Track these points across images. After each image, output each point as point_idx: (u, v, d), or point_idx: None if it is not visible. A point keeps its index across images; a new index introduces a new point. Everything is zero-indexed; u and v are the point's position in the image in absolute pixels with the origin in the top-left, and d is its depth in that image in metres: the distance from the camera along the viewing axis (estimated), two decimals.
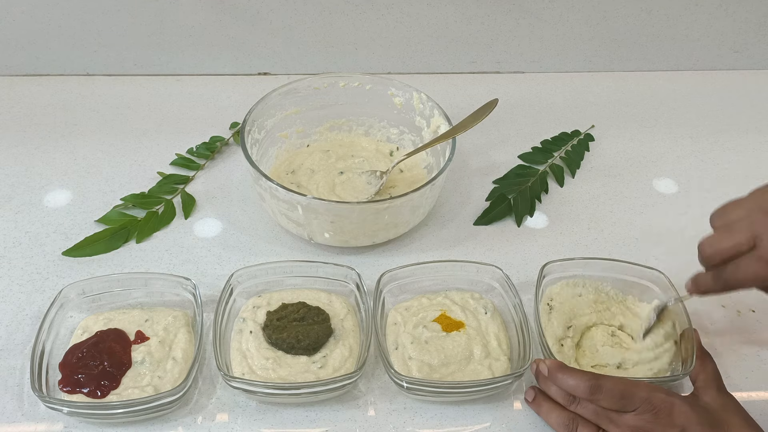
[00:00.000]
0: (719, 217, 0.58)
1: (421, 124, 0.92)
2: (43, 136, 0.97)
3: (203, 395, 0.67)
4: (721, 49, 1.16)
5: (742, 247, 0.54)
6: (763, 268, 0.53)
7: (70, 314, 0.71)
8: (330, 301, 0.73)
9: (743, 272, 0.55)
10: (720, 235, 0.57)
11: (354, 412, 0.67)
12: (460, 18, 1.08)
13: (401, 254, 0.83)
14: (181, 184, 0.91)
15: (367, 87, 0.93)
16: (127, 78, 1.10)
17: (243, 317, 0.71)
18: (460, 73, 1.16)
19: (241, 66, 1.11)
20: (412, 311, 0.73)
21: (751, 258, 0.54)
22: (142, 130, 1.00)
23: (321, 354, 0.69)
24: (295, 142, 0.94)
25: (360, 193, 0.87)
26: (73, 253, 0.80)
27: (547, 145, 1.01)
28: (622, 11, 1.10)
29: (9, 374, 0.68)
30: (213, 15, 1.04)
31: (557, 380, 0.62)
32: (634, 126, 1.07)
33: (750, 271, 0.54)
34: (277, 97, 0.89)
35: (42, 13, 1.02)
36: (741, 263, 0.55)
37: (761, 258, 0.53)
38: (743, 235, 0.54)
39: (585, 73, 1.17)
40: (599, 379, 0.61)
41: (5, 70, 1.08)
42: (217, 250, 0.82)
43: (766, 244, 0.53)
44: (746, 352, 0.74)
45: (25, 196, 0.88)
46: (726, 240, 0.55)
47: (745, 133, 1.06)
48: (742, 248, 0.54)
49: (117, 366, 0.66)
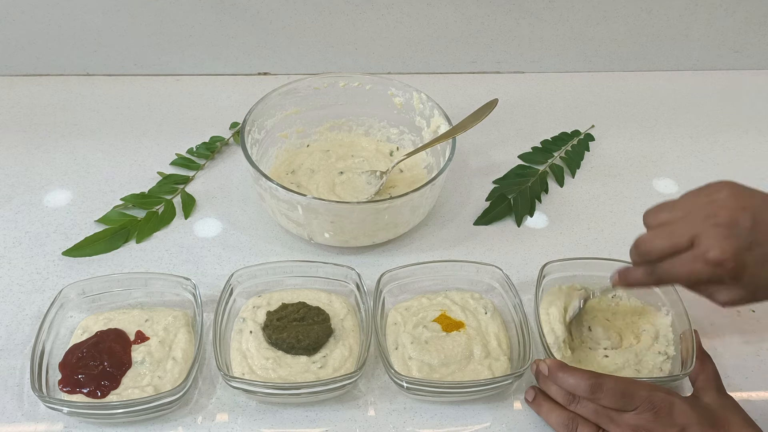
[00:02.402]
0: (654, 217, 0.61)
1: (421, 124, 0.92)
2: (43, 136, 0.97)
3: (203, 395, 0.67)
4: (721, 49, 1.16)
5: (681, 246, 0.57)
6: (698, 266, 0.56)
7: (70, 314, 0.71)
8: (330, 301, 0.73)
9: (679, 269, 0.58)
10: (659, 233, 0.59)
11: (354, 412, 0.67)
12: (460, 18, 1.08)
13: (401, 254, 0.83)
14: (181, 184, 0.91)
15: (367, 87, 0.93)
16: (127, 78, 1.10)
17: (243, 317, 0.71)
18: (460, 73, 1.16)
19: (241, 66, 1.11)
20: (412, 311, 0.73)
21: (689, 256, 0.57)
22: (142, 130, 1.00)
23: (321, 354, 0.69)
24: (295, 142, 0.94)
25: (360, 193, 0.87)
26: (73, 253, 0.80)
27: (547, 145, 1.01)
28: (622, 11, 1.10)
29: (9, 374, 0.68)
30: (213, 15, 1.04)
31: (558, 379, 0.63)
32: (634, 126, 1.07)
33: (686, 269, 0.57)
34: (277, 97, 0.89)
35: (42, 13, 1.02)
36: (678, 261, 0.58)
37: (697, 257, 0.56)
38: (683, 235, 0.57)
39: (585, 73, 1.17)
40: (600, 378, 0.61)
41: (5, 70, 1.08)
42: (217, 250, 0.82)
43: (706, 245, 0.55)
44: (746, 352, 0.74)
45: (25, 196, 0.88)
46: (666, 239, 0.58)
47: (745, 133, 1.06)
48: (681, 247, 0.57)
49: (117, 366, 0.66)
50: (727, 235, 0.55)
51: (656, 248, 0.59)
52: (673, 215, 0.59)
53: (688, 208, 0.58)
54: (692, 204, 0.58)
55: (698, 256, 0.56)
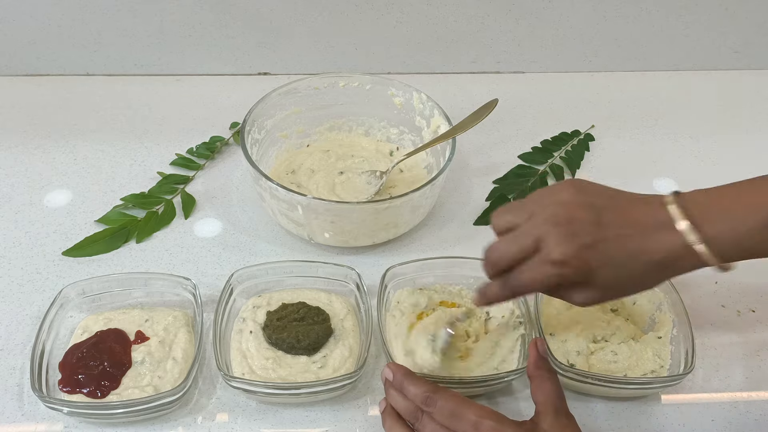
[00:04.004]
0: (499, 219, 0.58)
1: (421, 124, 0.92)
2: (43, 136, 0.97)
3: (203, 395, 0.67)
4: (721, 49, 1.16)
5: (527, 252, 0.55)
6: (546, 270, 0.54)
7: (70, 314, 0.71)
8: (330, 301, 0.73)
9: (528, 275, 0.55)
10: (504, 239, 0.57)
11: (354, 412, 0.67)
12: (460, 18, 1.08)
13: (401, 254, 0.83)
14: (181, 184, 0.91)
15: (367, 87, 0.93)
16: (127, 78, 1.10)
17: (243, 317, 0.71)
18: (460, 73, 1.16)
19: (241, 66, 1.11)
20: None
21: (535, 261, 0.55)
22: (142, 130, 1.00)
23: (321, 354, 0.69)
24: (295, 142, 0.94)
25: (360, 193, 0.87)
26: (73, 253, 0.80)
27: (547, 145, 1.01)
28: (622, 11, 1.09)
29: (9, 374, 0.68)
30: (213, 15, 1.04)
31: (401, 386, 0.60)
32: (634, 126, 1.07)
33: (534, 274, 0.55)
34: (277, 97, 0.89)
35: (42, 13, 1.02)
36: (525, 267, 0.55)
37: (543, 260, 0.54)
38: (528, 239, 0.55)
39: (585, 73, 1.17)
40: (436, 392, 0.58)
41: (5, 70, 1.08)
42: (217, 250, 0.82)
43: (548, 246, 0.53)
44: (746, 352, 0.74)
45: (25, 196, 0.88)
46: (512, 245, 0.56)
47: (745, 133, 1.06)
48: (527, 252, 0.55)
49: (117, 366, 0.66)
50: (567, 234, 0.53)
51: (505, 256, 0.56)
52: (518, 218, 0.56)
53: (532, 209, 0.56)
54: (536, 205, 0.56)
55: (544, 258, 0.54)
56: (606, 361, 0.69)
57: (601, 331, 0.72)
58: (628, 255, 0.53)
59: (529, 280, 0.55)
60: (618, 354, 0.70)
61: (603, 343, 0.71)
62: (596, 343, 0.71)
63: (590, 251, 0.53)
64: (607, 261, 0.54)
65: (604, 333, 0.72)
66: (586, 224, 0.54)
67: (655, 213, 0.54)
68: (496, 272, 0.58)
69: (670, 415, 0.68)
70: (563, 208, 0.54)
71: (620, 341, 0.71)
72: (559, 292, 0.57)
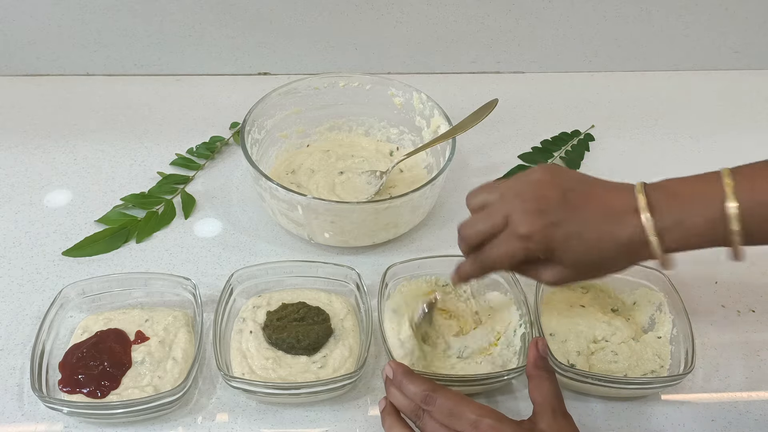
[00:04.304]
0: (473, 198, 0.61)
1: (421, 124, 0.92)
2: (43, 136, 0.97)
3: (203, 395, 0.67)
4: (721, 49, 1.16)
5: (497, 227, 0.57)
6: (513, 244, 0.57)
7: (70, 314, 0.71)
8: (330, 301, 0.73)
9: (497, 250, 0.58)
10: (476, 216, 0.60)
11: (354, 412, 0.67)
12: (460, 18, 1.08)
13: (401, 254, 0.83)
14: (181, 184, 0.91)
15: (367, 87, 0.93)
16: (127, 78, 1.10)
17: (243, 317, 0.71)
18: (460, 73, 1.16)
19: (241, 66, 1.11)
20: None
21: (504, 236, 0.57)
22: (142, 130, 1.00)
23: (321, 354, 0.69)
24: (295, 142, 0.94)
25: (360, 193, 0.87)
26: (73, 253, 0.80)
27: (547, 145, 1.01)
28: (622, 11, 1.09)
29: (9, 374, 0.68)
30: (213, 15, 1.04)
31: (401, 384, 0.60)
32: (634, 126, 1.07)
33: (503, 249, 0.57)
34: (277, 97, 0.89)
35: (42, 13, 1.02)
36: (495, 242, 0.58)
37: (511, 234, 0.56)
38: (498, 215, 0.57)
39: (585, 73, 1.17)
40: (436, 390, 0.58)
41: (5, 70, 1.08)
42: (217, 250, 0.82)
43: (515, 221, 0.56)
44: (746, 352, 0.74)
45: (25, 196, 0.88)
46: (482, 221, 0.59)
47: (745, 133, 1.06)
48: (497, 228, 0.57)
49: (117, 366, 0.66)
50: (534, 211, 0.56)
51: (476, 231, 0.59)
52: (490, 197, 0.59)
53: (503, 190, 0.59)
54: (507, 186, 0.59)
55: (510, 233, 0.56)
56: (606, 361, 0.69)
57: (602, 331, 0.72)
58: (593, 235, 0.56)
59: (497, 255, 0.58)
60: (618, 354, 0.70)
61: (603, 343, 0.71)
62: (596, 343, 0.71)
63: (555, 228, 0.55)
64: (571, 239, 0.56)
65: (604, 333, 0.72)
66: (553, 202, 0.56)
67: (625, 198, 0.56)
68: (469, 248, 0.61)
69: (670, 415, 0.68)
70: (533, 187, 0.57)
71: (620, 341, 0.71)
72: (528, 269, 0.60)
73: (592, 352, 0.71)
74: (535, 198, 0.56)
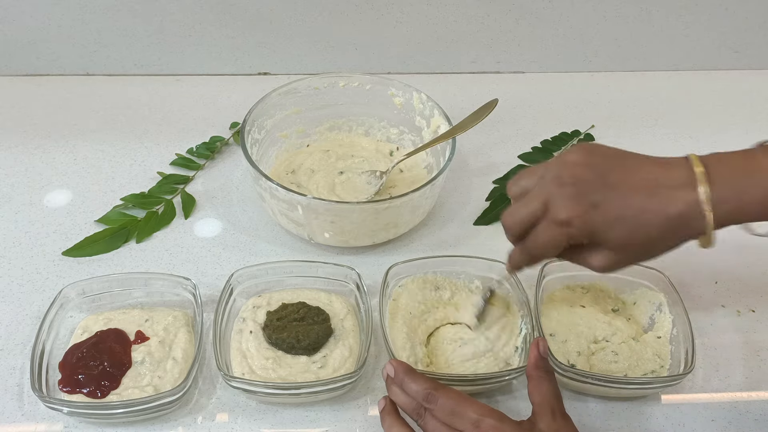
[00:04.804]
0: (514, 186, 0.59)
1: (421, 124, 0.92)
2: (43, 136, 0.97)
3: (203, 395, 0.67)
4: (721, 49, 1.16)
5: (537, 214, 0.56)
6: (554, 231, 0.55)
7: (70, 314, 0.71)
8: (330, 301, 0.73)
9: (540, 239, 0.56)
10: (517, 204, 0.58)
11: (354, 412, 0.67)
12: (460, 18, 1.08)
13: (401, 254, 0.83)
14: (181, 184, 0.91)
15: (367, 87, 0.93)
16: (127, 78, 1.10)
17: (243, 317, 0.71)
18: (460, 73, 1.16)
19: (241, 66, 1.11)
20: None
21: (544, 224, 0.55)
22: (142, 130, 1.00)
23: (321, 354, 0.69)
24: (295, 142, 0.94)
25: (360, 193, 0.87)
26: (73, 253, 0.80)
27: (547, 145, 1.01)
28: (622, 11, 1.10)
29: (9, 374, 0.68)
30: (213, 15, 1.04)
31: (403, 383, 0.60)
32: (634, 126, 1.07)
33: (545, 237, 0.55)
34: (277, 97, 0.89)
35: (42, 13, 1.02)
36: (537, 230, 0.56)
37: (552, 221, 0.54)
38: (536, 202, 0.55)
39: (585, 73, 1.17)
40: (437, 389, 0.58)
41: (5, 70, 1.08)
42: (217, 250, 0.82)
43: (554, 207, 0.54)
44: (746, 352, 0.74)
45: (25, 196, 0.88)
46: (522, 209, 0.57)
47: (745, 133, 1.05)
48: (537, 215, 0.56)
49: (117, 366, 0.66)
50: (571, 194, 0.53)
51: (516, 220, 0.57)
52: (530, 182, 0.57)
53: (541, 173, 0.56)
54: (545, 168, 0.56)
55: (551, 220, 0.54)
56: (606, 362, 0.69)
57: (602, 331, 0.72)
58: (637, 213, 0.53)
59: (542, 242, 0.56)
60: (618, 354, 0.70)
61: (603, 344, 0.71)
62: (597, 344, 0.71)
63: (595, 211, 0.53)
64: (614, 220, 0.54)
65: (604, 333, 0.72)
66: (590, 184, 0.54)
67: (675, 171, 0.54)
68: (514, 237, 0.59)
69: (670, 415, 0.68)
70: (569, 169, 0.55)
71: (621, 341, 0.71)
72: (574, 256, 0.57)
73: (593, 353, 0.71)
74: (573, 181, 0.54)
